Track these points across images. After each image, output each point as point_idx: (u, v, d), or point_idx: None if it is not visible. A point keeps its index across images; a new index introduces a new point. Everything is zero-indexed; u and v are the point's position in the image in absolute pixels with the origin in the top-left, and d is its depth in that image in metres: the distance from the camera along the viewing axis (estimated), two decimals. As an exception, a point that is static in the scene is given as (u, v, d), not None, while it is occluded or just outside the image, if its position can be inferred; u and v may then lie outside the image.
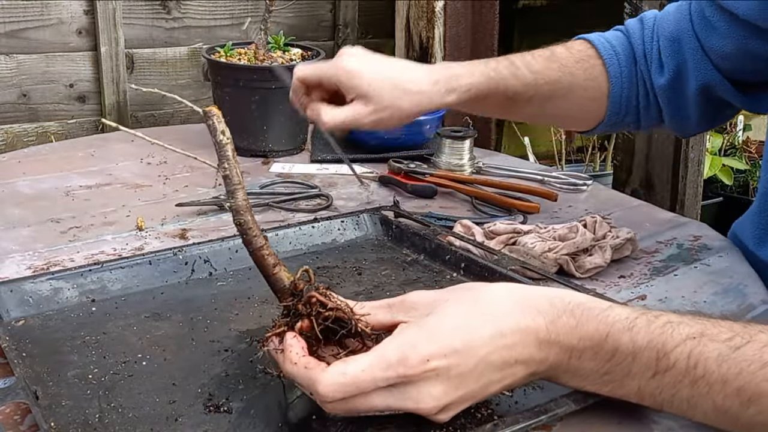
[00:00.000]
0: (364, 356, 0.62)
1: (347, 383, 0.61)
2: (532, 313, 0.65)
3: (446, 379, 0.62)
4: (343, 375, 0.61)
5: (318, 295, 0.65)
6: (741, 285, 0.95)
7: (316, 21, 1.96)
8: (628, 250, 1.00)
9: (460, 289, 0.69)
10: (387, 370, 0.61)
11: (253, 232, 0.68)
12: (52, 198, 1.20)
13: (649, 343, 0.63)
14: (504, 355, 0.64)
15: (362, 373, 0.61)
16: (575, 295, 0.68)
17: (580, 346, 0.65)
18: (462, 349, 0.63)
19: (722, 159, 2.55)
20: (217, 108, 0.70)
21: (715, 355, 0.61)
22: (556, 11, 2.50)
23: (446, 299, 0.66)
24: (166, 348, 0.78)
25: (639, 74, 1.05)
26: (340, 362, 0.62)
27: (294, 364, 0.63)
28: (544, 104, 1.04)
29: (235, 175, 0.68)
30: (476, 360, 0.63)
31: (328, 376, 0.61)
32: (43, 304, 0.86)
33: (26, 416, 0.68)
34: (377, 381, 0.61)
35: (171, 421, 0.67)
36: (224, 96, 1.41)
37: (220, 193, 1.20)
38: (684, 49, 1.01)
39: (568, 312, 0.65)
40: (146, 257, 0.93)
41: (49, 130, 1.72)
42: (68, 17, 1.68)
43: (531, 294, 0.67)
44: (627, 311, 0.65)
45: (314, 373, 0.61)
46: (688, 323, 0.64)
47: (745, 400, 0.61)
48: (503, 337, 0.64)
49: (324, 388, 0.61)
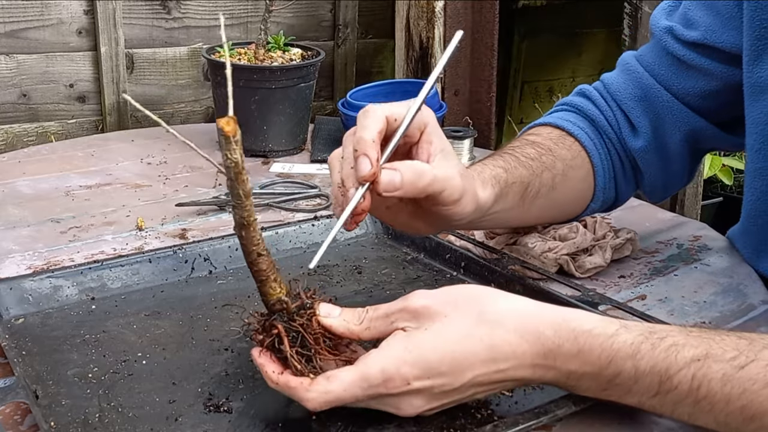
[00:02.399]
0: (347, 373, 0.63)
1: (330, 400, 0.63)
2: (532, 339, 0.64)
3: (429, 395, 0.64)
4: (326, 394, 0.63)
5: (280, 328, 0.66)
6: (741, 285, 0.95)
7: (316, 21, 1.96)
8: (628, 250, 1.00)
9: (464, 300, 0.66)
10: (368, 390, 0.63)
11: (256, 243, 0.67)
12: (52, 198, 1.20)
13: (653, 368, 0.63)
14: (493, 377, 0.65)
15: (344, 393, 0.63)
16: (582, 320, 0.65)
17: (580, 371, 0.65)
18: (448, 372, 0.63)
19: (722, 159, 2.55)
20: (230, 120, 0.60)
21: (720, 376, 0.61)
22: (556, 11, 2.50)
23: (446, 315, 0.64)
24: (166, 347, 0.78)
25: (610, 144, 1.01)
26: (323, 380, 0.63)
27: (276, 384, 0.65)
28: (550, 194, 0.93)
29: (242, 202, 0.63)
30: (462, 381, 0.64)
31: (312, 396, 0.63)
32: (43, 302, 0.86)
33: (26, 416, 0.68)
34: (358, 398, 0.64)
35: (171, 421, 0.67)
36: (224, 96, 1.41)
37: (220, 193, 1.20)
38: (655, 104, 0.98)
39: (572, 340, 0.64)
40: (146, 255, 0.93)
41: (49, 130, 1.72)
42: (68, 17, 1.68)
43: (536, 317, 0.65)
44: (632, 336, 0.64)
45: (298, 392, 0.64)
46: (692, 344, 0.63)
47: (748, 418, 0.61)
48: (495, 362, 0.64)
49: (310, 405, 0.64)
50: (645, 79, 0.99)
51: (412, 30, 1.88)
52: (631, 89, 1.00)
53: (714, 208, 2.40)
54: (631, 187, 1.04)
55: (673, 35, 0.97)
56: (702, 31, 0.94)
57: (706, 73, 0.95)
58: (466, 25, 1.84)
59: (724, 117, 0.98)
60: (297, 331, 0.66)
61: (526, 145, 0.94)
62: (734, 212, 1.13)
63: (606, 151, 1.00)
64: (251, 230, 0.64)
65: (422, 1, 1.83)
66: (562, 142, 0.97)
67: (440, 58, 0.79)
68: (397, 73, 1.96)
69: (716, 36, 0.93)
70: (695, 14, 0.95)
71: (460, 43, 0.78)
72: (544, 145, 0.95)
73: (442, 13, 1.81)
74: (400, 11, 1.92)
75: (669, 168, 1.01)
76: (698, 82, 0.96)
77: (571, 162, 0.96)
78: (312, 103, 1.48)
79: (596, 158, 0.98)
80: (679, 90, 0.97)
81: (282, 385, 0.65)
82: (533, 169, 0.91)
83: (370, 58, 2.06)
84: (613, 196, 1.02)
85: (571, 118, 1.01)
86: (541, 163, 0.92)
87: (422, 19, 1.84)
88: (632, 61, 1.01)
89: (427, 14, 1.82)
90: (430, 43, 1.83)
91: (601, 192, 1.00)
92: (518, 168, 0.90)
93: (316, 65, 1.44)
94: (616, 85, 1.01)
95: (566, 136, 0.98)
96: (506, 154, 0.92)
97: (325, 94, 2.01)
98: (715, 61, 0.94)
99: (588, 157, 0.98)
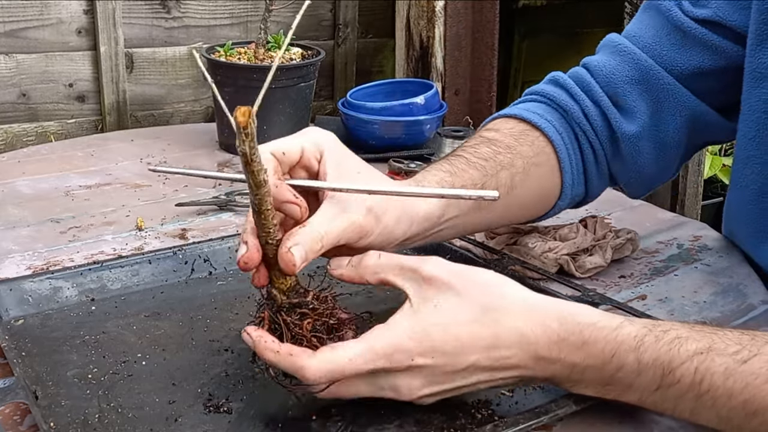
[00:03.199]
0: (353, 345, 0.63)
1: (334, 370, 0.62)
2: (537, 329, 0.64)
3: (430, 375, 0.63)
4: (329, 363, 0.62)
5: (266, 315, 0.66)
6: (741, 285, 0.94)
7: (316, 21, 1.96)
8: (628, 250, 1.00)
9: (475, 284, 0.66)
10: (372, 362, 0.62)
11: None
12: (51, 198, 1.20)
13: (655, 360, 0.63)
14: (496, 364, 0.64)
15: (348, 363, 0.62)
16: (587, 314, 0.66)
17: (584, 364, 0.64)
18: (451, 352, 0.63)
19: (722, 159, 2.55)
20: (246, 111, 0.62)
21: (722, 369, 0.61)
22: (556, 11, 2.50)
23: (458, 292, 0.65)
24: (165, 347, 0.78)
25: (582, 135, 0.95)
26: (327, 349, 0.63)
27: (276, 352, 0.63)
28: (508, 196, 0.88)
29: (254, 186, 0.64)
30: (465, 364, 0.63)
31: (316, 362, 0.62)
32: (43, 303, 0.85)
33: (26, 416, 0.68)
34: (360, 371, 0.63)
35: (171, 421, 0.67)
36: (224, 96, 1.40)
37: (220, 192, 1.20)
38: (654, 87, 0.93)
39: (577, 333, 0.64)
40: (146, 256, 0.93)
41: (48, 129, 1.72)
42: (68, 17, 1.68)
43: (542, 309, 0.66)
44: (636, 328, 0.64)
45: (300, 359, 0.62)
46: (696, 338, 0.63)
47: (750, 413, 0.61)
48: (498, 349, 0.64)
49: (311, 374, 0.62)
50: (643, 61, 0.94)
51: (413, 29, 1.88)
52: (627, 71, 0.94)
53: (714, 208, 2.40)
54: (604, 181, 0.99)
55: (681, 9, 0.93)
56: (713, 9, 0.91)
57: (714, 50, 0.91)
58: (467, 25, 1.84)
59: (725, 101, 0.95)
60: (279, 324, 0.66)
61: (480, 144, 0.89)
62: (734, 212, 1.13)
63: (576, 145, 0.95)
64: (262, 218, 0.65)
65: (422, 1, 1.83)
66: (525, 137, 0.92)
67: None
68: (398, 72, 1.96)
69: (728, 15, 0.90)
70: None
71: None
72: (502, 143, 0.90)
73: (442, 12, 1.81)
74: (400, 11, 1.93)
75: (662, 156, 0.97)
76: (704, 59, 0.92)
77: (533, 159, 0.90)
78: (312, 102, 1.48)
79: (563, 153, 0.93)
80: (683, 69, 0.93)
81: (283, 353, 0.63)
82: (486, 170, 0.85)
83: (370, 58, 2.06)
84: (583, 192, 0.97)
85: (539, 110, 0.95)
86: (496, 162, 0.87)
87: (422, 18, 1.84)
88: (624, 42, 0.96)
89: (427, 14, 1.82)
90: (431, 43, 1.83)
91: (569, 188, 0.94)
92: (467, 170, 0.84)
93: (316, 65, 1.44)
94: (608, 68, 0.95)
95: (531, 130, 0.93)
96: (455, 157, 0.86)
97: (325, 93, 2.01)
98: (725, 38, 0.91)
99: (554, 152, 0.92)
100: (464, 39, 1.85)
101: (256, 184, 0.63)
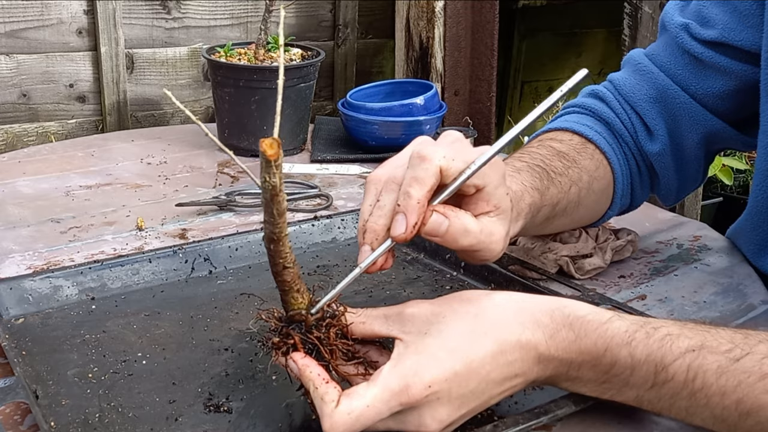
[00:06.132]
0: (368, 389, 0.61)
1: (353, 422, 0.60)
2: (532, 327, 0.64)
3: (448, 401, 0.62)
4: (349, 414, 0.60)
5: (297, 339, 0.65)
6: (741, 285, 0.95)
7: (316, 21, 1.96)
8: (628, 251, 1.00)
9: (459, 302, 0.66)
10: (390, 401, 0.60)
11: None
12: (52, 198, 1.20)
13: (648, 357, 0.63)
14: (504, 372, 0.64)
15: (367, 409, 0.60)
16: (575, 307, 0.66)
17: (579, 360, 0.64)
18: (463, 371, 0.62)
19: (722, 159, 2.55)
20: (274, 143, 0.61)
21: (715, 367, 0.61)
22: (556, 11, 2.50)
23: (444, 315, 0.64)
24: (166, 347, 0.78)
25: (626, 148, 0.98)
26: (345, 398, 0.61)
27: (315, 389, 0.62)
28: (575, 210, 0.90)
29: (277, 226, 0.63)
30: (478, 380, 0.63)
31: (336, 416, 0.60)
32: (43, 302, 0.86)
33: (26, 416, 0.68)
34: (382, 413, 0.61)
35: (171, 421, 0.67)
36: (224, 96, 1.41)
37: (220, 193, 1.20)
38: (672, 106, 0.95)
39: (567, 326, 0.64)
40: (146, 255, 0.93)
41: (49, 130, 1.72)
42: (68, 17, 1.68)
43: (531, 306, 0.66)
44: (626, 324, 0.64)
45: (326, 407, 0.60)
46: (687, 335, 0.63)
47: (744, 412, 0.61)
48: (503, 354, 0.63)
49: (330, 426, 0.60)
50: (661, 80, 0.96)
51: (412, 30, 1.88)
52: (645, 90, 0.96)
53: (714, 208, 2.40)
54: (646, 191, 1.02)
55: (689, 33, 0.94)
56: (720, 29, 0.91)
57: (724, 73, 0.92)
58: (466, 26, 1.84)
59: (741, 115, 0.96)
60: (313, 343, 0.65)
61: (554, 157, 0.89)
62: (734, 212, 1.13)
63: (624, 157, 0.97)
64: (280, 245, 0.64)
65: (422, 1, 1.83)
66: (585, 150, 0.93)
67: (552, 95, 0.72)
68: (397, 73, 1.96)
69: (735, 34, 0.91)
70: (711, 12, 0.93)
71: (582, 80, 0.70)
72: (570, 156, 0.91)
73: (442, 13, 1.81)
74: (400, 11, 1.93)
75: (684, 171, 0.99)
76: (716, 82, 0.93)
77: (594, 173, 0.92)
78: (312, 103, 1.48)
79: (616, 166, 0.95)
80: (697, 90, 0.94)
81: (320, 393, 0.61)
82: (562, 186, 0.87)
83: (370, 58, 2.06)
84: (629, 202, 1.00)
85: (588, 122, 0.97)
86: (568, 178, 0.88)
87: (422, 19, 1.84)
88: (644, 60, 0.98)
89: (427, 14, 1.83)
90: (430, 43, 1.83)
91: (619, 199, 0.97)
92: (550, 188, 0.85)
93: (316, 65, 1.45)
94: (629, 86, 0.97)
95: (587, 144, 0.94)
96: (538, 168, 0.86)
97: (325, 94, 2.01)
98: (733, 59, 0.91)
99: (609, 165, 0.95)
100: (464, 39, 1.85)
101: (279, 213, 0.61)
